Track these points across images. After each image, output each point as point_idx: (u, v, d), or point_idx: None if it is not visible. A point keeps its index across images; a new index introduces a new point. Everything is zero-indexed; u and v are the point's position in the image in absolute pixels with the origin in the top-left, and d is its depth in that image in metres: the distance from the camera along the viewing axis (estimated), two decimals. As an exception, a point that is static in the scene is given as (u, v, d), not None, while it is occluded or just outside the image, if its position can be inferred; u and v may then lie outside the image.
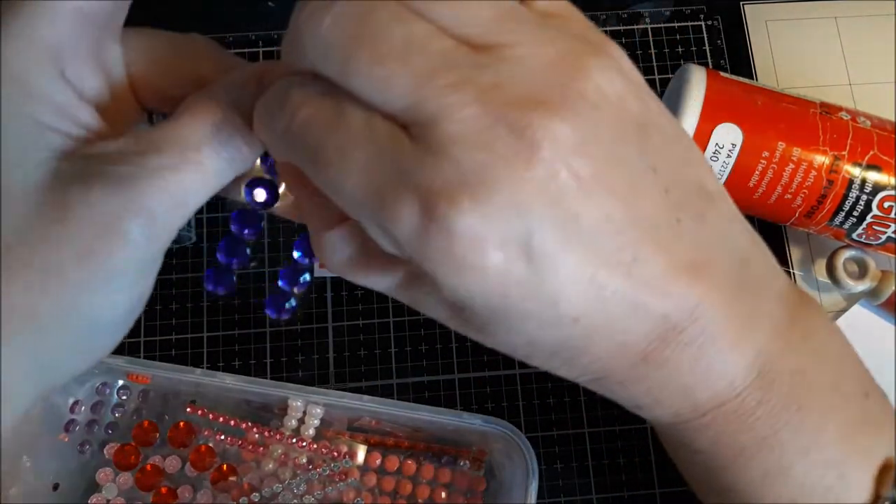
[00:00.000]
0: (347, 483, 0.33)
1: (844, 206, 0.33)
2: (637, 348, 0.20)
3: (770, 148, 0.33)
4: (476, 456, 0.34)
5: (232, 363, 0.37)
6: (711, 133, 0.33)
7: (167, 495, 0.33)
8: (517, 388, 0.37)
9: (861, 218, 0.33)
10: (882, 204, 0.33)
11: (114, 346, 0.22)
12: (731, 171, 0.33)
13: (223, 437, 0.34)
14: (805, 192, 0.33)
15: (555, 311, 0.19)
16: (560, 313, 0.19)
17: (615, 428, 0.37)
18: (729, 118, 0.33)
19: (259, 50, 0.41)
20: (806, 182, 0.33)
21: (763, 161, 0.33)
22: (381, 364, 0.37)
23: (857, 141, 0.33)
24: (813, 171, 0.33)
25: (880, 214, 0.33)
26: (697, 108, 0.33)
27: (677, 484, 0.36)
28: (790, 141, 0.33)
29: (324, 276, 0.38)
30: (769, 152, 0.33)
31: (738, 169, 0.33)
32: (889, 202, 0.33)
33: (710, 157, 0.33)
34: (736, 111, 0.33)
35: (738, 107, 0.33)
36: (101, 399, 0.34)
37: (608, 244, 0.18)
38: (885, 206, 0.33)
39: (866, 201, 0.33)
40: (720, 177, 0.33)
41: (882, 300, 0.36)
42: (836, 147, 0.33)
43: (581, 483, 0.36)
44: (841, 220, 0.34)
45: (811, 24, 0.42)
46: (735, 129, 0.33)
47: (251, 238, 0.26)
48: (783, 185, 0.33)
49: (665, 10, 0.43)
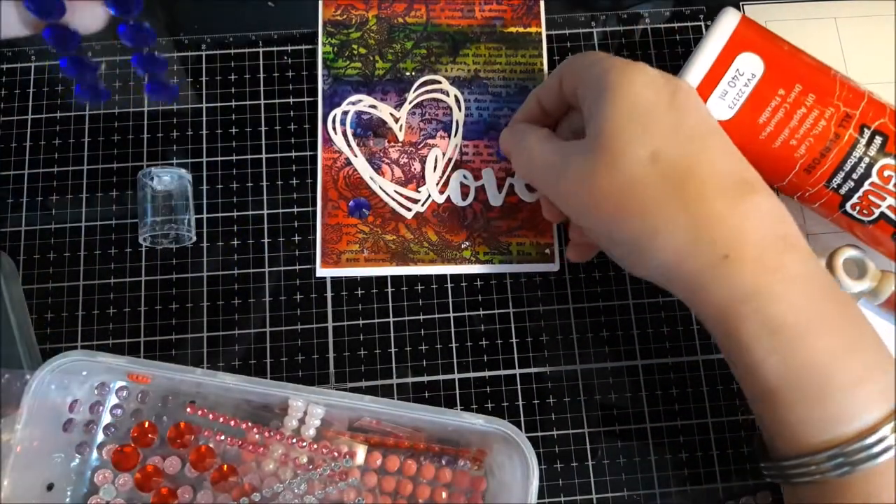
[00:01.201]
0: (348, 483, 0.33)
1: (845, 166, 0.33)
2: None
3: (787, 87, 0.33)
4: (476, 456, 0.34)
5: (232, 363, 0.37)
6: (735, 59, 0.34)
7: (167, 496, 0.33)
8: (517, 388, 0.37)
9: (859, 183, 0.33)
10: (882, 171, 0.33)
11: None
12: (745, 100, 0.34)
13: (223, 437, 0.34)
14: (810, 140, 0.33)
15: (679, 122, 0.29)
16: (683, 124, 0.29)
17: (615, 428, 0.37)
18: (754, 49, 0.34)
19: (259, 50, 0.41)
20: (814, 130, 0.33)
21: (778, 98, 0.33)
22: (381, 364, 0.37)
23: (871, 107, 0.33)
24: (823, 120, 0.33)
25: (878, 182, 0.33)
26: (724, 37, 0.34)
27: (677, 484, 0.36)
28: (807, 86, 0.33)
29: (324, 276, 0.38)
30: (785, 91, 0.33)
31: (753, 100, 0.34)
32: (889, 171, 0.33)
33: (728, 83, 0.34)
34: (762, 46, 0.34)
35: (766, 43, 0.34)
36: (100, 399, 0.34)
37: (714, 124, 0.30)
38: (885, 175, 0.33)
39: (868, 164, 0.33)
40: (734, 106, 0.34)
41: (882, 300, 0.36)
42: (849, 105, 0.33)
43: (581, 483, 0.36)
44: (839, 181, 0.34)
45: (811, 24, 0.42)
46: (758, 61, 0.34)
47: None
48: (791, 128, 0.33)
49: (665, 10, 0.43)
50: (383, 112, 0.40)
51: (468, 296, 0.38)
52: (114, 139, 0.39)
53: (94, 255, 0.38)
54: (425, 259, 0.38)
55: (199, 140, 0.39)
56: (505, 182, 0.40)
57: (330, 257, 0.38)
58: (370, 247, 0.38)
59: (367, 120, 0.40)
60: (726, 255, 0.27)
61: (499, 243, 0.39)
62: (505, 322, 0.38)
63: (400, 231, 0.39)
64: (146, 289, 0.38)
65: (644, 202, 0.28)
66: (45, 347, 0.36)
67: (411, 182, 0.39)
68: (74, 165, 0.39)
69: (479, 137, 0.40)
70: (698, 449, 0.37)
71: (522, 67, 0.41)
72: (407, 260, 0.38)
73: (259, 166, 0.39)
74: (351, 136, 0.40)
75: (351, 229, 0.39)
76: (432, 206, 0.39)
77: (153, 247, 0.38)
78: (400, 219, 0.39)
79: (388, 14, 0.41)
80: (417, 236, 0.39)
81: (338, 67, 0.41)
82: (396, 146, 0.40)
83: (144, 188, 0.37)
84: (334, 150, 0.40)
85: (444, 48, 0.41)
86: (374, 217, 0.39)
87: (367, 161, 0.39)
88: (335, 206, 0.39)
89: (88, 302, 0.37)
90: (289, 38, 0.41)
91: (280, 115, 0.40)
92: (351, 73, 0.41)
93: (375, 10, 0.41)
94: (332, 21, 0.41)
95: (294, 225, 0.39)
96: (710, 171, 0.28)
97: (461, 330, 0.38)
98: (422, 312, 0.38)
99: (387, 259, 0.38)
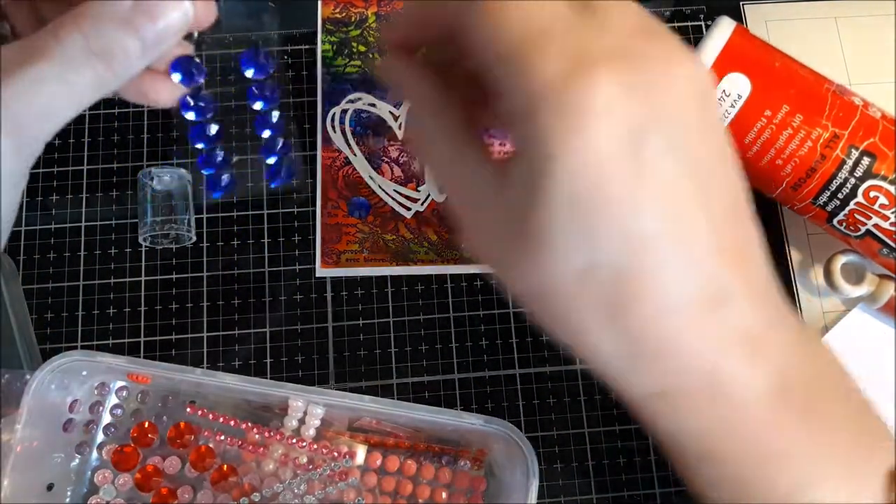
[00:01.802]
0: (348, 483, 0.33)
1: (831, 186, 0.33)
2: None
3: (774, 107, 0.33)
4: (476, 456, 0.34)
5: (232, 363, 0.37)
6: (721, 79, 0.33)
7: (167, 496, 0.33)
8: (517, 388, 0.37)
9: (844, 202, 0.33)
10: (868, 193, 0.33)
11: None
12: (730, 121, 0.34)
13: (223, 437, 0.34)
14: (796, 160, 0.33)
15: (633, 223, 0.18)
16: (638, 226, 0.18)
17: (615, 428, 0.37)
18: (741, 69, 0.33)
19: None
20: (800, 151, 0.33)
21: (763, 119, 0.33)
22: (381, 364, 0.37)
23: (861, 125, 0.33)
24: (809, 141, 0.33)
25: (864, 203, 0.33)
26: (714, 53, 0.34)
27: (677, 484, 0.36)
28: (795, 107, 0.33)
29: (324, 276, 0.38)
30: (772, 111, 0.33)
31: (738, 121, 0.34)
32: (875, 192, 0.33)
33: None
34: (750, 65, 0.34)
35: (754, 62, 0.34)
36: (100, 399, 0.34)
37: (699, 188, 0.19)
38: (870, 196, 0.33)
39: (853, 185, 0.33)
40: None
41: (880, 305, 0.36)
42: (838, 125, 0.33)
43: (581, 483, 0.36)
44: (825, 200, 0.34)
45: (811, 24, 0.42)
46: (744, 81, 0.33)
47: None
48: (777, 148, 0.33)
49: (665, 10, 0.43)
50: (383, 110, 0.40)
51: (468, 296, 0.38)
52: (114, 139, 0.39)
53: (94, 255, 0.38)
54: (425, 259, 0.38)
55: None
56: None
57: (330, 257, 0.38)
58: (370, 246, 0.38)
59: (367, 119, 0.40)
60: (663, 390, 0.21)
61: None
62: (505, 322, 0.38)
63: (400, 230, 0.39)
64: (146, 289, 0.38)
65: (572, 316, 0.21)
66: (45, 347, 0.36)
67: (411, 181, 0.39)
68: (74, 165, 0.39)
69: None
70: (698, 449, 0.37)
71: None
72: (407, 260, 0.38)
73: (259, 166, 0.39)
74: (350, 135, 0.40)
75: (351, 229, 0.39)
76: (432, 206, 0.39)
77: (153, 247, 0.38)
78: (400, 218, 0.39)
79: (388, 11, 0.41)
80: (417, 236, 0.39)
81: (337, 66, 0.41)
82: (396, 145, 0.40)
83: (144, 188, 0.37)
84: (333, 148, 0.40)
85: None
86: (374, 216, 0.39)
87: (367, 160, 0.39)
88: (335, 205, 0.39)
89: (88, 302, 0.37)
90: (289, 37, 0.41)
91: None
92: (350, 71, 0.40)
93: (375, 7, 0.41)
94: (331, 19, 0.41)
95: (294, 225, 0.39)
96: (665, 285, 0.19)
97: (461, 330, 0.38)
98: (422, 312, 0.38)
99: (387, 259, 0.38)
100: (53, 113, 0.22)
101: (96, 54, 0.21)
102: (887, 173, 0.32)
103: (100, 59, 0.22)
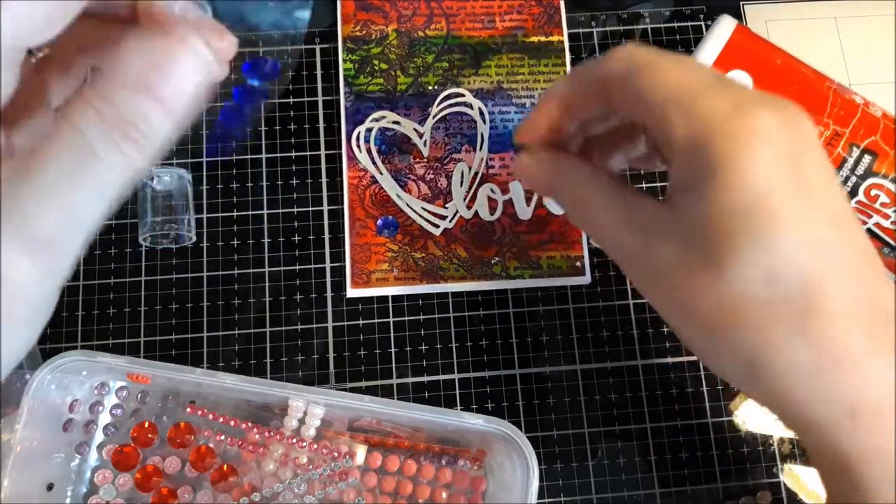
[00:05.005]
0: (348, 483, 0.33)
1: None
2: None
3: None
4: (476, 456, 0.34)
5: (232, 363, 0.37)
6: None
7: (167, 496, 0.33)
8: (517, 388, 0.37)
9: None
10: (869, 191, 0.33)
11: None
12: None
13: (223, 437, 0.34)
14: None
15: (809, 230, 0.21)
16: (814, 233, 0.21)
17: (615, 428, 0.37)
18: (743, 67, 0.34)
19: (259, 49, 0.41)
20: None
21: None
22: (381, 364, 0.37)
23: (862, 123, 0.33)
24: None
25: (865, 201, 0.33)
26: (715, 51, 0.34)
27: (677, 484, 0.36)
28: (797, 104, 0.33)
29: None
30: None
31: None
32: (876, 190, 0.33)
33: None
34: (752, 63, 0.34)
35: (756, 60, 0.34)
36: (100, 399, 0.34)
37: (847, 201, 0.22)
38: (871, 194, 0.33)
39: (854, 184, 0.33)
40: None
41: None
42: (839, 123, 0.33)
43: (581, 483, 0.36)
44: None
45: (811, 24, 0.42)
46: (746, 79, 0.34)
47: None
48: None
49: (665, 10, 0.43)
50: (407, 128, 0.40)
51: (468, 296, 0.38)
52: (114, 139, 0.39)
53: (94, 255, 0.38)
54: (455, 276, 0.38)
55: (199, 140, 0.39)
56: (533, 195, 0.39)
57: (360, 277, 0.38)
58: (399, 265, 0.38)
59: (392, 136, 0.40)
60: (853, 405, 0.21)
61: (529, 258, 0.38)
62: (505, 322, 0.38)
63: (429, 248, 0.38)
64: (146, 289, 0.38)
65: (761, 326, 0.21)
66: (45, 347, 0.36)
67: (438, 198, 0.39)
68: (74, 165, 0.39)
69: (505, 150, 0.40)
70: (698, 449, 0.37)
71: (546, 77, 0.41)
72: (437, 277, 0.38)
73: (259, 166, 0.39)
74: (376, 154, 0.39)
75: (380, 248, 0.38)
76: (460, 222, 0.39)
77: (153, 247, 0.38)
78: (428, 236, 0.39)
79: (408, 28, 0.41)
80: (447, 253, 0.38)
81: (359, 84, 0.40)
82: (422, 162, 0.39)
83: (144, 188, 0.37)
84: (359, 167, 0.39)
85: (466, 60, 0.41)
86: (403, 235, 0.38)
87: (393, 178, 0.39)
88: (363, 224, 0.38)
89: (88, 302, 0.37)
90: (289, 37, 0.41)
91: (280, 114, 0.40)
92: (373, 89, 0.40)
93: (395, 24, 0.41)
94: (351, 37, 0.41)
95: (294, 225, 0.39)
96: (838, 294, 0.21)
97: (461, 330, 0.38)
98: (422, 312, 0.38)
99: (417, 277, 0.38)
100: (82, 216, 0.18)
101: (118, 131, 0.17)
102: (888, 172, 0.32)
103: (122, 137, 0.17)
